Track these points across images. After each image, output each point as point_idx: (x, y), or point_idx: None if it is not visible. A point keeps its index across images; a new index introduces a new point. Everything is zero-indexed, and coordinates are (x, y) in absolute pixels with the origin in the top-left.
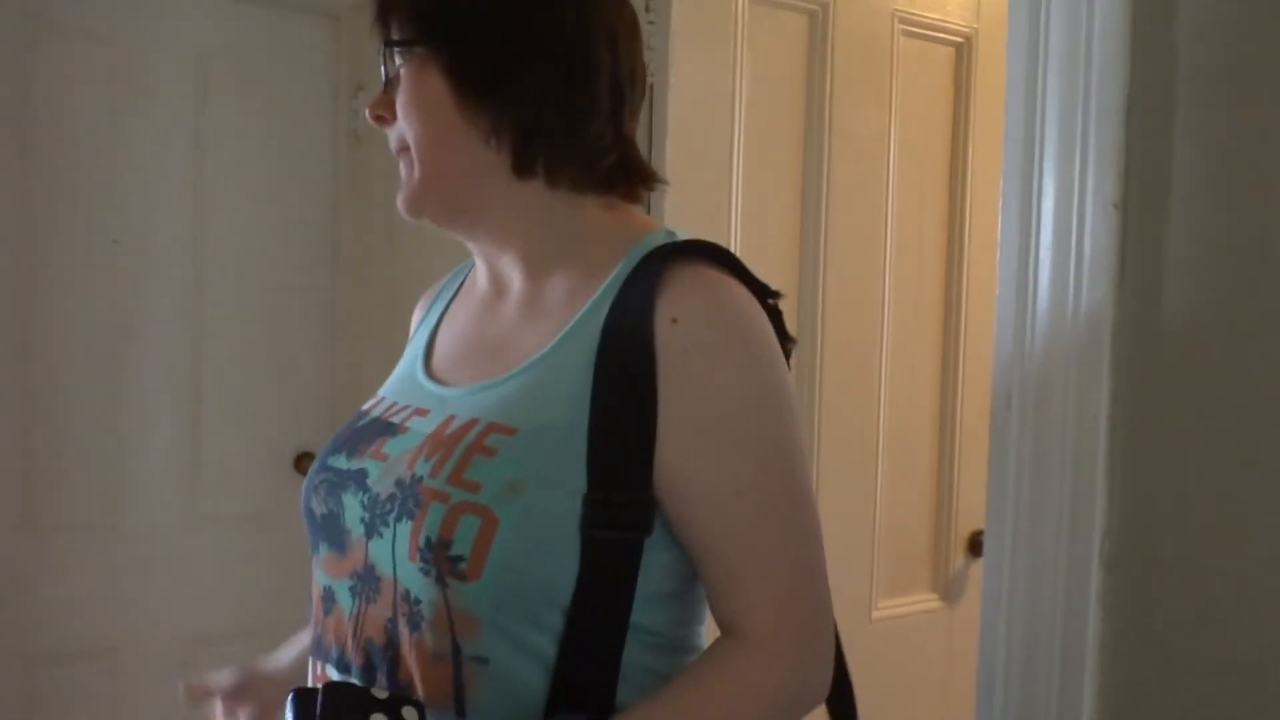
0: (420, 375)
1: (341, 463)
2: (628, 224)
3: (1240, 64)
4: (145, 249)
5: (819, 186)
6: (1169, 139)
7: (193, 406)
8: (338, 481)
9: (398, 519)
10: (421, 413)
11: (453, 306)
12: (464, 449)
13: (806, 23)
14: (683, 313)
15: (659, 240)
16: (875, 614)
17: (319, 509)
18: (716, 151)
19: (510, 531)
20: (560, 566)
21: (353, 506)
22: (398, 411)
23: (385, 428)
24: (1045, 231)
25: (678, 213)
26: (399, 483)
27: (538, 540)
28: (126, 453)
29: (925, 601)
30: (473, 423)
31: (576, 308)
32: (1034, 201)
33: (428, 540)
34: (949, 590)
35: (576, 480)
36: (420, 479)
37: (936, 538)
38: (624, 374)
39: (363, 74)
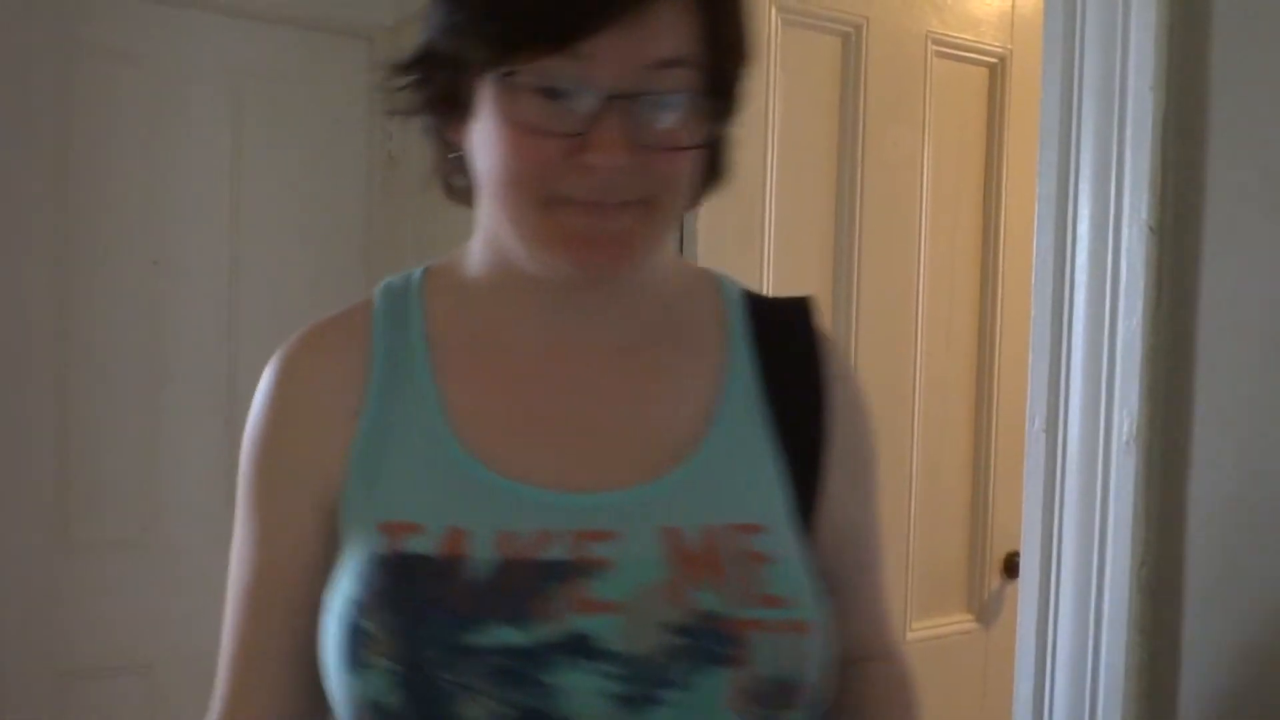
0: (504, 481)
1: (512, 637)
2: (674, 258)
3: (1276, 85)
4: (182, 269)
5: (852, 207)
6: (1204, 161)
7: (229, 424)
8: (527, 664)
9: (694, 671)
10: (601, 536)
11: (447, 371)
12: (740, 563)
13: (839, 44)
14: (841, 371)
15: (727, 282)
16: (910, 635)
17: (487, 710)
18: (749, 172)
19: (824, 634)
20: None
21: (585, 683)
22: (544, 542)
23: (555, 570)
24: (1081, 254)
25: (710, 234)
26: (673, 628)
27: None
28: (163, 469)
29: (960, 623)
30: (711, 530)
31: (706, 365)
32: (1069, 224)
33: (761, 678)
34: (984, 612)
35: (809, 553)
36: (715, 614)
37: (971, 559)
38: (809, 439)
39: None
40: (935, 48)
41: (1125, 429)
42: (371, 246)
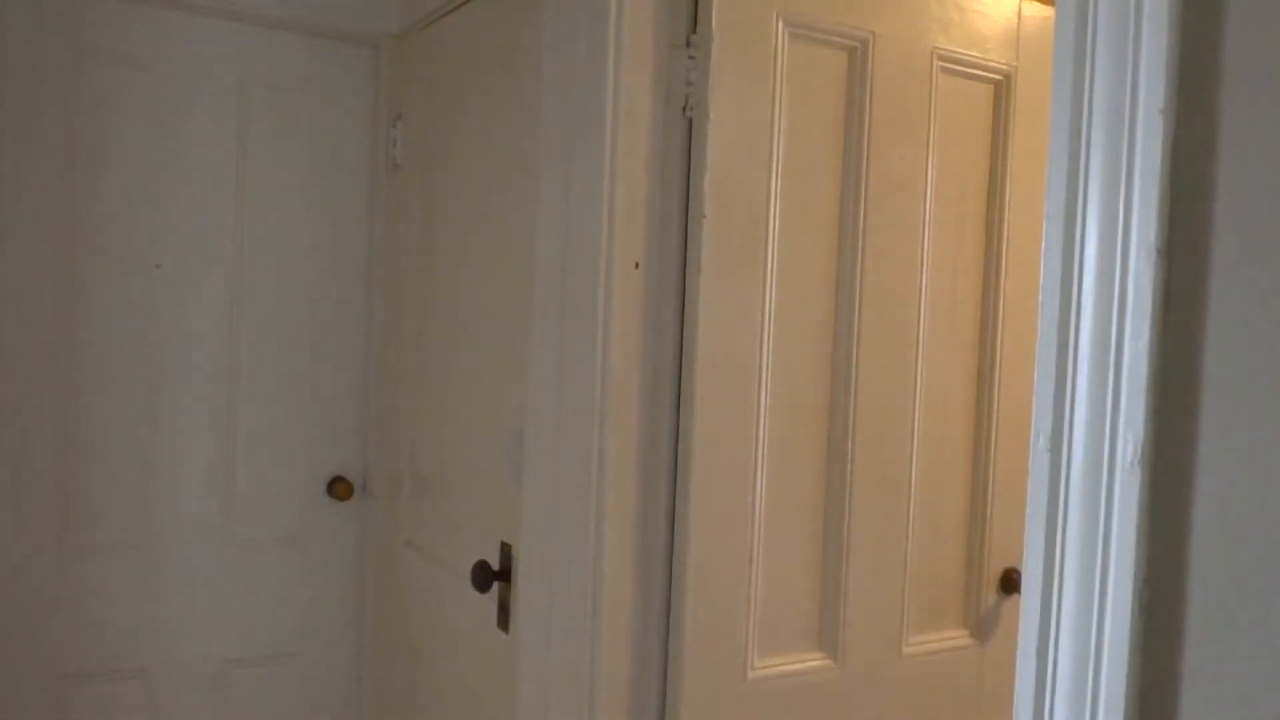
0: None
1: None
2: None
3: None
4: (185, 274)
5: (855, 221)
6: (1213, 184)
7: (228, 430)
8: None
9: None
10: None
11: None
12: None
13: (845, 59)
14: None
15: None
16: (906, 649)
17: None
18: (754, 185)
19: None
20: None
21: None
22: None
23: None
24: (1088, 275)
25: (715, 246)
26: None
27: None
28: (162, 474)
29: (956, 638)
30: None
31: None
32: (1077, 245)
33: None
34: (980, 627)
35: None
36: None
37: (968, 574)
38: None
39: (401, 103)
40: (941, 64)
41: (1130, 451)
42: (375, 253)
